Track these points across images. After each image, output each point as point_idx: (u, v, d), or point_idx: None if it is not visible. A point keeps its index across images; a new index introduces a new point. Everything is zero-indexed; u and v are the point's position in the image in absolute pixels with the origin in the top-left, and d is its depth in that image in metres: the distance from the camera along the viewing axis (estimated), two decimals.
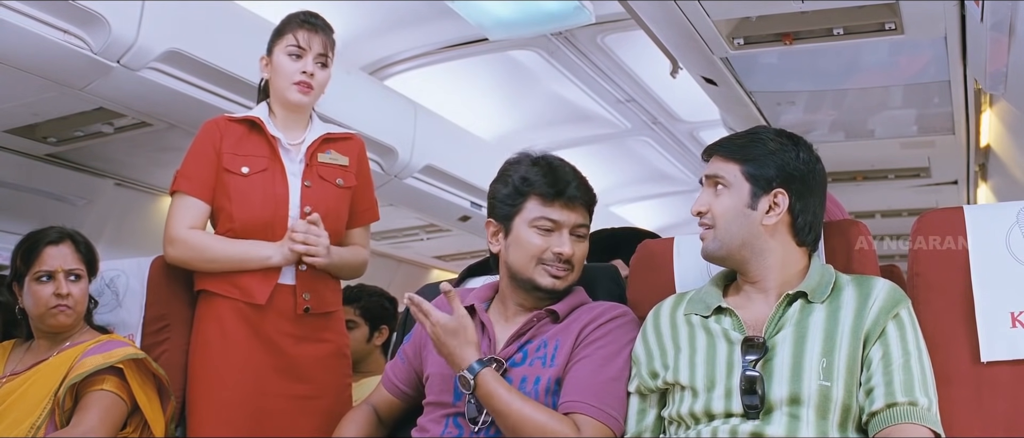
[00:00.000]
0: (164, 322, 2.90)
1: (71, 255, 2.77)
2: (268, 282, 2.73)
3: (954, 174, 5.41)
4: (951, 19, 3.16)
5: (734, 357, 2.01)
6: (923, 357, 1.97)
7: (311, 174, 2.81)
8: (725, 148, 2.17)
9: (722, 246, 2.11)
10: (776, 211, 2.10)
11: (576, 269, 2.31)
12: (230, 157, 2.76)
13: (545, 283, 2.27)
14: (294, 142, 2.83)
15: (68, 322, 2.74)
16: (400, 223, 5.69)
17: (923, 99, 4.23)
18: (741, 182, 2.11)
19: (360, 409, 2.53)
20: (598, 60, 4.58)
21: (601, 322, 2.24)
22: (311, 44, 2.78)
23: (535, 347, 2.25)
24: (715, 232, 2.11)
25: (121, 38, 2.97)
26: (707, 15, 3.16)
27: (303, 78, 2.77)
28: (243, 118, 2.83)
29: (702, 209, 2.14)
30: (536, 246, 2.27)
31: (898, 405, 1.90)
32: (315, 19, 2.83)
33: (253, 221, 2.74)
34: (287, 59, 2.78)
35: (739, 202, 2.10)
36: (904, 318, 2.00)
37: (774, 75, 3.98)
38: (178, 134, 3.72)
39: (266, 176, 2.77)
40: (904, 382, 1.91)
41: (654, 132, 5.61)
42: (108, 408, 2.60)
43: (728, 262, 2.15)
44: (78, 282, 2.76)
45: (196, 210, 2.76)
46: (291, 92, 2.78)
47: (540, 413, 2.11)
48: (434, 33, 4.36)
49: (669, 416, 2.08)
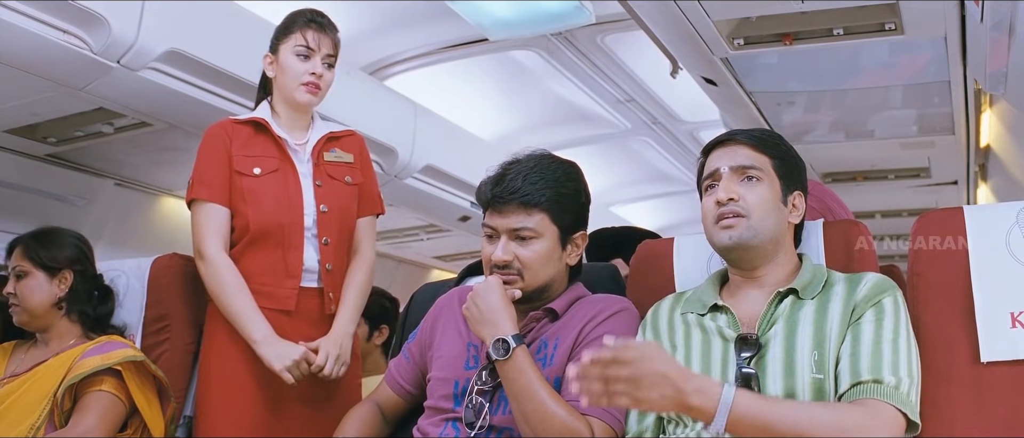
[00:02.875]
0: (164, 323, 2.91)
1: (18, 255, 2.84)
2: (293, 287, 2.72)
3: (954, 174, 5.42)
4: (951, 19, 3.16)
5: (729, 354, 2.01)
6: (900, 341, 1.94)
7: (320, 173, 2.81)
8: (756, 139, 2.13)
9: (756, 235, 2.06)
10: (797, 212, 2.12)
11: (526, 274, 2.22)
12: (240, 159, 2.75)
13: None
14: (299, 142, 2.83)
15: (20, 320, 2.80)
16: (400, 223, 5.68)
17: (923, 99, 4.24)
18: (773, 176, 2.11)
19: (364, 406, 2.52)
20: (598, 60, 4.58)
21: (602, 319, 2.22)
22: (320, 44, 2.78)
23: (535, 349, 2.23)
24: (750, 222, 2.06)
25: (121, 38, 2.97)
26: (707, 15, 3.16)
27: (312, 79, 2.76)
28: (248, 120, 2.81)
29: (734, 196, 2.07)
30: (485, 255, 2.27)
31: (862, 383, 1.88)
32: (322, 18, 2.82)
33: (269, 224, 2.72)
34: (295, 59, 2.77)
35: (774, 196, 2.10)
36: (886, 305, 1.98)
37: (774, 75, 3.98)
38: (178, 134, 3.72)
39: (278, 177, 2.76)
40: (872, 361, 1.90)
41: (654, 132, 5.61)
42: (107, 409, 2.60)
43: (752, 253, 2.09)
44: (23, 280, 2.80)
45: (220, 218, 2.73)
46: (299, 92, 2.77)
47: (561, 408, 2.06)
48: (434, 33, 4.36)
49: (668, 415, 2.07)
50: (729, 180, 2.10)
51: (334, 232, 2.80)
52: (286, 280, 2.72)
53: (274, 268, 2.72)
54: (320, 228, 2.77)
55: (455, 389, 2.25)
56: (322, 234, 2.77)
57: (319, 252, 2.76)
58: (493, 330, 2.12)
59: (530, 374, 2.09)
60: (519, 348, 2.11)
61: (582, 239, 2.31)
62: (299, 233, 2.74)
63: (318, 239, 2.77)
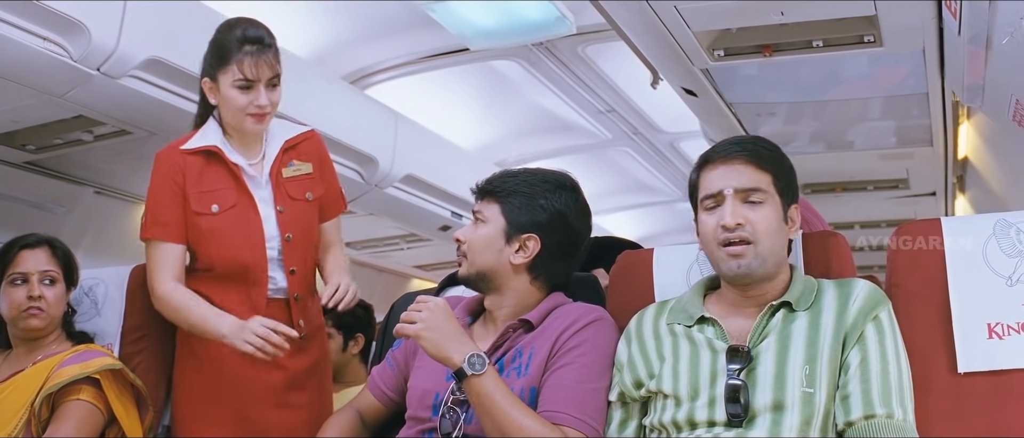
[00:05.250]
0: (143, 331, 2.89)
1: (46, 258, 2.76)
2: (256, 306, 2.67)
3: (932, 186, 5.45)
4: (929, 32, 3.18)
5: (718, 366, 2.01)
6: (901, 364, 1.97)
7: (281, 196, 2.73)
8: (757, 156, 2.08)
9: (764, 262, 2.03)
10: (795, 226, 2.11)
11: (469, 253, 2.31)
12: (196, 196, 2.67)
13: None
14: (254, 161, 2.74)
15: (40, 325, 2.72)
16: (380, 232, 5.67)
17: (902, 111, 4.26)
18: (774, 195, 2.07)
19: (344, 412, 2.51)
20: (579, 70, 4.59)
21: (578, 328, 2.20)
22: (260, 72, 2.61)
23: (510, 358, 2.23)
24: (757, 249, 2.02)
25: (101, 46, 2.96)
26: (688, 27, 3.17)
27: (256, 110, 2.63)
28: (199, 149, 2.70)
29: (741, 221, 2.03)
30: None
31: (876, 417, 1.89)
32: (257, 37, 2.63)
33: (233, 263, 2.67)
34: (236, 92, 2.62)
35: (777, 216, 2.06)
36: (884, 320, 1.99)
37: (754, 86, 4.00)
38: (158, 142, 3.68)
39: (237, 212, 2.69)
40: (882, 392, 1.91)
41: (634, 142, 5.63)
42: (84, 418, 2.58)
43: (758, 278, 2.06)
44: (53, 286, 2.74)
45: (173, 256, 2.67)
46: (247, 123, 2.66)
47: (534, 420, 2.07)
48: (415, 43, 4.36)
49: (651, 424, 2.08)
50: (734, 204, 2.05)
51: (299, 260, 2.74)
52: (251, 314, 2.62)
53: (239, 304, 2.67)
54: (285, 257, 2.71)
55: (436, 400, 2.25)
56: (289, 264, 2.72)
57: (287, 281, 2.72)
58: (462, 347, 2.11)
59: (503, 388, 2.09)
60: (489, 364, 2.10)
61: (533, 242, 2.28)
62: (263, 269, 2.69)
63: (284, 269, 2.72)
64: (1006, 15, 2.48)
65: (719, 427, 1.96)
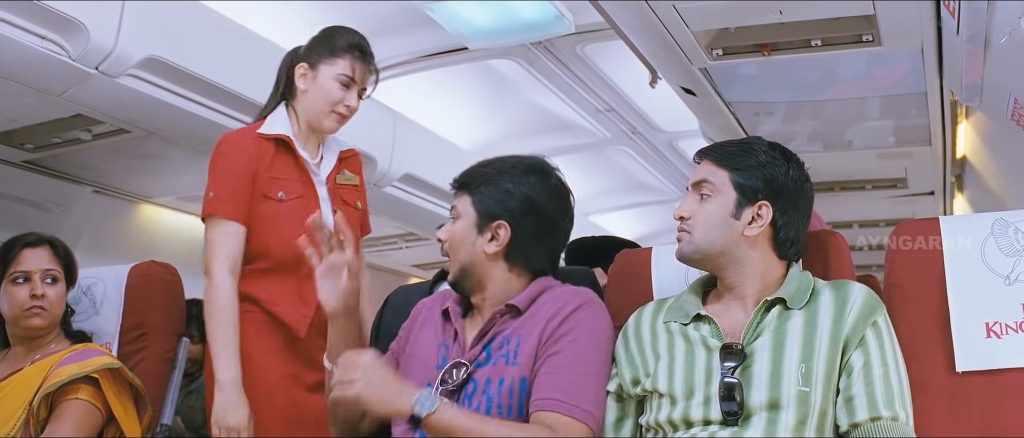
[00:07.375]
0: (141, 331, 2.89)
1: (48, 257, 2.76)
2: (306, 315, 2.69)
3: (931, 185, 5.46)
4: (928, 32, 3.18)
5: (713, 364, 2.01)
6: (900, 367, 1.98)
7: (336, 199, 2.80)
8: (717, 154, 2.17)
9: (697, 250, 2.12)
10: (758, 223, 2.10)
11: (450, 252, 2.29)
12: (266, 180, 2.69)
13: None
14: (315, 162, 2.80)
15: (42, 324, 2.72)
16: (379, 231, 5.68)
17: (900, 110, 4.26)
18: (729, 190, 2.12)
19: None
20: (578, 70, 4.59)
21: (566, 313, 2.17)
22: (362, 77, 2.75)
23: (498, 344, 2.19)
24: (692, 236, 2.12)
25: (100, 45, 2.96)
26: (686, 26, 3.17)
27: (345, 110, 2.74)
28: (273, 136, 2.73)
29: (685, 214, 2.15)
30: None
31: (882, 419, 1.90)
32: (368, 49, 2.79)
33: (290, 253, 2.60)
34: (335, 85, 2.72)
35: (723, 210, 2.11)
36: (882, 325, 2.00)
37: (753, 86, 4.00)
38: (156, 141, 3.70)
39: (302, 203, 2.71)
40: (885, 395, 1.92)
41: (633, 142, 5.63)
42: (83, 417, 2.58)
43: (703, 265, 2.16)
44: (54, 285, 2.74)
45: (236, 238, 2.66)
46: (329, 119, 2.74)
47: (506, 429, 2.04)
48: (414, 42, 4.36)
49: (647, 423, 2.08)
50: (689, 196, 2.17)
51: None
52: (300, 307, 2.68)
53: (288, 296, 2.69)
54: None
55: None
56: None
57: None
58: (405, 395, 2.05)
59: (463, 414, 2.05)
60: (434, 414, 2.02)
61: (503, 230, 2.24)
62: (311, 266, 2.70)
63: None
64: (1004, 15, 2.49)
65: (714, 426, 1.96)
